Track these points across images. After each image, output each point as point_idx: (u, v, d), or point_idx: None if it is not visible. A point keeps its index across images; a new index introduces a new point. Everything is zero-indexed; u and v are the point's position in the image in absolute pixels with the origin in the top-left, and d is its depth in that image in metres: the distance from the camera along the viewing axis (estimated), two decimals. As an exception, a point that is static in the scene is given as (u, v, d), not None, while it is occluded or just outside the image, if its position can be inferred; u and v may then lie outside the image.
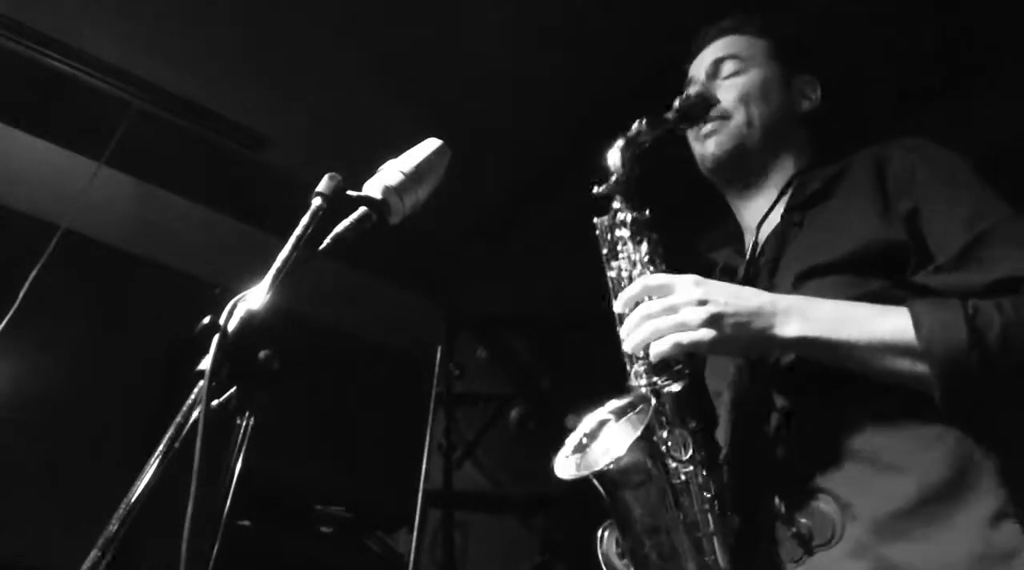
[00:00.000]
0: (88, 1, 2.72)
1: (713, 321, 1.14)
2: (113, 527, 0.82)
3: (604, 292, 1.37)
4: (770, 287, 1.30)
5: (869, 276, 1.21)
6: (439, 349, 3.42)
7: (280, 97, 3.09)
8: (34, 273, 2.92)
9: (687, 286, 1.18)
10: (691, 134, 1.55)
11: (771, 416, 1.24)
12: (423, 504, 3.06)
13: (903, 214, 1.24)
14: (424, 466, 3.13)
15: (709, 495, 1.16)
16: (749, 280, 1.38)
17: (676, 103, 1.47)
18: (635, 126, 1.42)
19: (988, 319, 1.05)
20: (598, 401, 1.23)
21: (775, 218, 1.46)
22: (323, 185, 1.09)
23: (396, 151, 1.22)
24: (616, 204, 1.38)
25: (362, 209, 1.11)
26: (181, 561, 0.76)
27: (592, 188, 1.40)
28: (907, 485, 1.08)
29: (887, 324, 1.11)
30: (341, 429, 3.86)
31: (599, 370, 1.36)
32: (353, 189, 1.12)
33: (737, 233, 1.58)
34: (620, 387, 1.29)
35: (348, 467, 3.82)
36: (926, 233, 1.23)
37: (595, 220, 1.40)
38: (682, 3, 2.52)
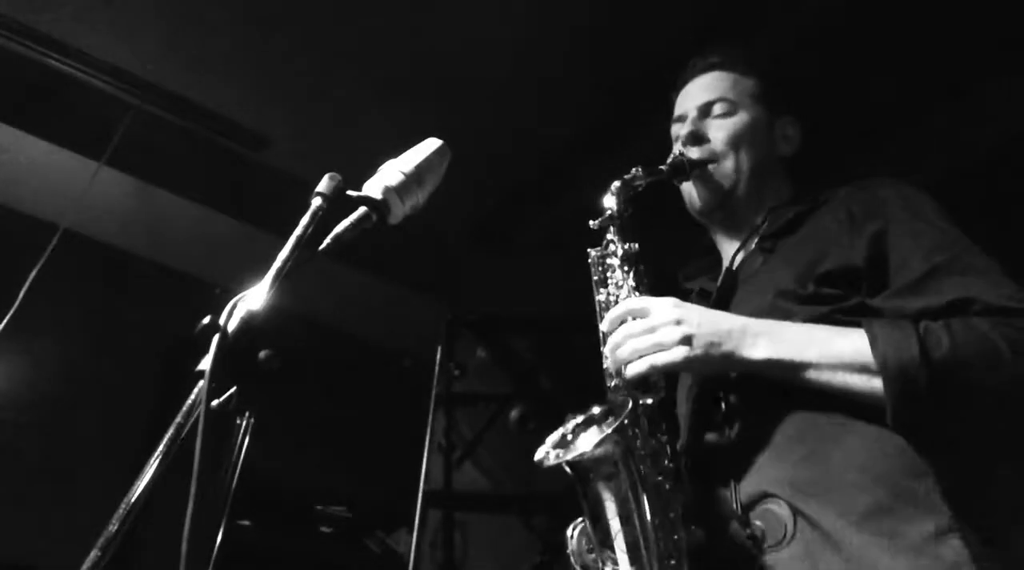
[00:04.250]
0: (89, 2, 2.72)
1: (687, 341, 1.23)
2: (113, 527, 0.82)
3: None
4: (739, 310, 1.36)
5: (829, 298, 1.29)
6: (439, 349, 3.42)
7: (280, 97, 3.09)
8: (34, 273, 2.92)
9: (665, 308, 1.28)
10: None
11: (725, 424, 1.31)
12: (423, 504, 3.06)
13: (870, 234, 1.31)
14: (424, 466, 3.13)
15: (676, 504, 1.22)
16: (721, 303, 1.46)
17: (670, 158, 1.57)
18: (632, 171, 1.55)
19: (937, 339, 1.13)
20: (594, 402, 1.31)
21: (750, 247, 1.55)
22: (323, 185, 1.09)
23: (396, 151, 1.22)
24: (609, 236, 1.50)
25: (362, 209, 1.11)
26: (181, 561, 0.76)
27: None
28: (858, 495, 1.13)
29: (847, 344, 1.18)
30: (341, 429, 3.86)
31: (599, 370, 1.38)
32: (353, 189, 1.12)
33: (716, 262, 1.67)
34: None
35: (348, 467, 3.82)
36: (889, 255, 1.29)
37: (589, 250, 1.51)
38: (684, 8, 2.53)
